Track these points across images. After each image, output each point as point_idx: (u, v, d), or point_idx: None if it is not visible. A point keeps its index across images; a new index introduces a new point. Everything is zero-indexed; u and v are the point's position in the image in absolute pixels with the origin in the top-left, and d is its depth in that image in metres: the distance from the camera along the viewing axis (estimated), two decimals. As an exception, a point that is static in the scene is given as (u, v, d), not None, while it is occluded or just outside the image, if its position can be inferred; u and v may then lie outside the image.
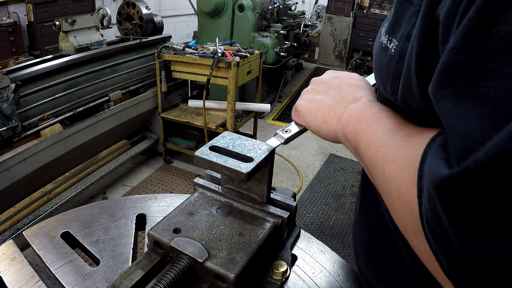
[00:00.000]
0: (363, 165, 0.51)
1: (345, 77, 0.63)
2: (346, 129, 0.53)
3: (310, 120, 0.61)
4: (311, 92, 0.64)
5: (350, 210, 2.99)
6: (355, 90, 0.59)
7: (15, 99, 2.05)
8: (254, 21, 4.13)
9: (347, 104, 0.56)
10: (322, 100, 0.60)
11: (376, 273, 0.73)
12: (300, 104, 0.64)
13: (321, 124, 0.58)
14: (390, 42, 0.48)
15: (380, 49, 0.53)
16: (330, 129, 0.57)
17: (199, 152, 0.57)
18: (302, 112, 0.63)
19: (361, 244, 0.79)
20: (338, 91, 0.59)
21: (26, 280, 0.67)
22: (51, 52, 3.56)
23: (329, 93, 0.60)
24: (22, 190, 2.36)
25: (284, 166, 3.59)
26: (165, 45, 3.12)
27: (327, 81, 0.63)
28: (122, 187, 3.11)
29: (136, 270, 0.57)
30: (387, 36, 0.50)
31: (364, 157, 0.48)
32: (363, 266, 0.77)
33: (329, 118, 0.57)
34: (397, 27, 0.48)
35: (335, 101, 0.58)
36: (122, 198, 0.93)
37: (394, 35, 0.48)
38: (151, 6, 3.29)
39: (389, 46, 0.48)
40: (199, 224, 0.61)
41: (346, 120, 0.54)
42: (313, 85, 0.65)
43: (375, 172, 0.45)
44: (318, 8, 7.71)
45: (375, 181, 0.46)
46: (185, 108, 3.33)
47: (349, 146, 0.54)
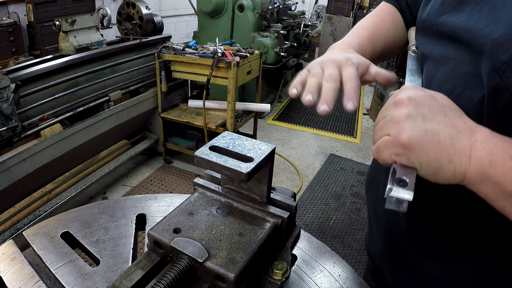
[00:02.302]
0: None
1: (437, 96, 0.50)
2: (493, 170, 0.43)
3: (429, 159, 0.46)
4: (417, 119, 0.47)
5: (350, 210, 2.99)
6: (459, 114, 0.48)
7: (15, 99, 2.05)
8: (254, 21, 4.13)
9: (469, 135, 0.45)
10: (437, 131, 0.46)
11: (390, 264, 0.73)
12: (410, 137, 0.46)
13: (446, 165, 0.45)
14: None
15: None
16: (458, 171, 0.45)
17: (199, 152, 0.57)
18: (415, 149, 0.46)
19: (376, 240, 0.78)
20: (445, 117, 0.47)
21: (26, 280, 0.67)
22: (51, 52, 3.56)
23: (437, 119, 0.47)
24: (22, 190, 2.36)
25: (284, 166, 3.59)
26: (165, 45, 3.12)
27: (426, 102, 0.48)
28: (122, 187, 3.11)
29: (136, 270, 0.57)
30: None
31: None
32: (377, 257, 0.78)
33: (456, 156, 0.45)
34: None
35: (452, 132, 0.46)
36: (122, 198, 0.93)
37: None
38: (151, 6, 3.29)
39: None
40: (199, 224, 0.61)
41: (487, 156, 0.43)
42: (410, 108, 0.48)
43: None
44: (318, 8, 7.71)
45: None
46: (185, 108, 3.33)
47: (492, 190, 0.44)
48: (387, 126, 0.49)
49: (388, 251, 0.78)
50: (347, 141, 4.27)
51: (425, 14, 0.70)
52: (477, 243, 0.61)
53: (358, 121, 4.90)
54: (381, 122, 0.51)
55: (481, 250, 0.61)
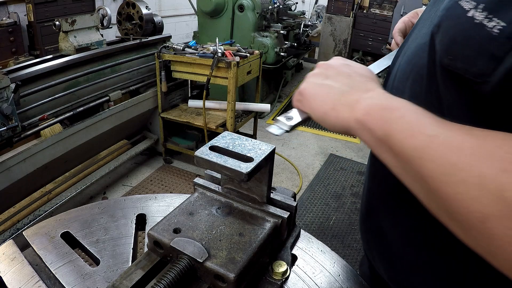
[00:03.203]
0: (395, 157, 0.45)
1: (355, 66, 0.60)
2: (367, 118, 0.49)
3: (316, 106, 0.56)
4: (319, 76, 0.59)
5: (350, 210, 2.99)
6: (366, 80, 0.56)
7: (15, 99, 2.05)
8: (254, 21, 4.13)
9: (361, 93, 0.52)
10: (331, 86, 0.56)
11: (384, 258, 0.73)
12: (306, 88, 0.58)
13: (329, 111, 0.54)
14: (490, 21, 0.44)
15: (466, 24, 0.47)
16: (340, 117, 0.53)
17: (199, 152, 0.57)
18: (307, 97, 0.57)
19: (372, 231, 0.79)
20: (349, 78, 0.56)
21: (26, 280, 0.67)
22: (51, 52, 3.56)
23: (339, 79, 0.57)
24: (22, 190, 2.36)
25: (284, 166, 3.59)
26: (165, 45, 3.13)
27: (337, 67, 0.59)
28: (122, 187, 3.11)
29: (136, 270, 0.57)
30: (484, 13, 0.44)
31: (404, 147, 0.44)
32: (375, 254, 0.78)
33: (340, 105, 0.53)
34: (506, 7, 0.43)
35: (347, 88, 0.54)
36: (122, 198, 0.93)
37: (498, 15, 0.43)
38: (151, 6, 3.29)
39: (487, 24, 0.44)
40: (199, 224, 0.61)
41: (366, 108, 0.49)
42: (321, 69, 0.60)
43: (429, 163, 0.41)
44: (318, 8, 7.71)
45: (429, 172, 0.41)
46: (185, 108, 3.33)
47: (367, 137, 0.49)
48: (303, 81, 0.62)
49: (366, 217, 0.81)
50: (347, 141, 4.27)
51: None
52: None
53: (358, 121, 4.89)
54: None
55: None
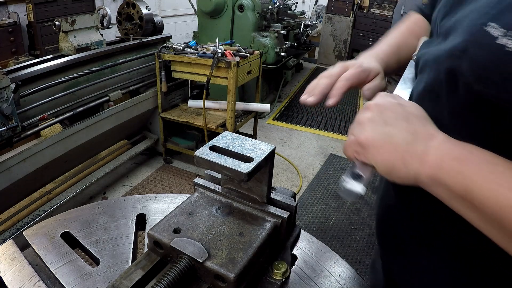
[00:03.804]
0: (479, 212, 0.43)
1: (406, 104, 0.55)
2: (440, 173, 0.45)
3: (382, 159, 0.50)
4: (377, 122, 0.52)
5: (350, 210, 2.99)
6: (423, 122, 0.52)
7: (15, 99, 2.05)
8: (254, 21, 4.13)
9: (426, 141, 0.48)
10: (394, 134, 0.50)
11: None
12: (367, 138, 0.52)
13: (398, 165, 0.49)
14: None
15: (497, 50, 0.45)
16: (410, 171, 0.48)
17: (199, 152, 0.57)
18: (371, 148, 0.51)
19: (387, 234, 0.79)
20: (407, 122, 0.51)
21: (26, 280, 0.67)
22: (51, 52, 3.56)
23: (398, 124, 0.51)
24: (22, 190, 2.36)
25: (284, 166, 3.59)
26: (165, 45, 3.13)
27: (392, 108, 0.53)
28: (122, 187, 3.11)
29: (136, 270, 0.57)
30: (504, 32, 0.43)
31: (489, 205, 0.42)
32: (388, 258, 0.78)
33: (408, 157, 0.48)
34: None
35: (409, 136, 0.49)
36: (122, 198, 0.93)
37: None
38: (151, 6, 3.29)
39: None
40: (199, 224, 0.61)
41: (437, 162, 0.46)
42: (375, 113, 0.53)
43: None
44: (318, 8, 7.71)
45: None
46: (185, 108, 3.33)
47: (442, 192, 0.46)
48: (353, 127, 0.56)
49: (381, 230, 0.80)
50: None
51: (434, 23, 0.71)
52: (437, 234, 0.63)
53: (358, 121, 4.90)
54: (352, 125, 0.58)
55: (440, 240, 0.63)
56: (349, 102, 5.61)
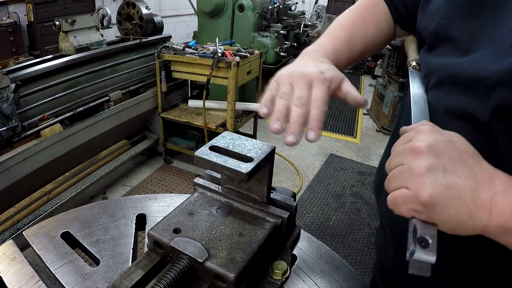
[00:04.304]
0: None
1: (456, 140, 0.47)
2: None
3: (450, 216, 0.43)
4: (437, 172, 0.44)
5: (350, 210, 2.99)
6: (477, 160, 0.46)
7: (15, 99, 2.05)
8: (254, 21, 4.13)
9: (489, 186, 0.43)
10: (457, 185, 0.43)
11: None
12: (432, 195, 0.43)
13: (467, 221, 0.43)
14: None
15: None
16: (477, 225, 0.43)
17: (199, 152, 0.57)
18: (436, 206, 0.43)
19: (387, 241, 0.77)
20: (464, 165, 0.45)
21: (26, 280, 0.67)
22: (51, 52, 3.56)
23: (458, 170, 0.44)
24: (22, 190, 2.36)
25: (284, 166, 3.59)
26: (165, 45, 3.13)
27: (446, 150, 0.45)
28: (122, 187, 3.11)
29: (136, 270, 0.57)
30: None
31: None
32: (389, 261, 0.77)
33: (476, 210, 0.43)
34: None
35: (473, 184, 0.43)
36: (122, 198, 0.93)
37: None
38: (151, 6, 3.29)
39: None
40: (199, 224, 0.61)
41: (509, 211, 0.42)
42: (430, 158, 0.44)
43: None
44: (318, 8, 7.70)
45: None
46: (185, 108, 3.33)
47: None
48: (405, 177, 0.46)
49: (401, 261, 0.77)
50: (347, 141, 4.27)
51: (433, 25, 0.65)
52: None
53: (358, 121, 4.90)
54: (397, 170, 0.47)
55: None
56: (349, 102, 5.60)
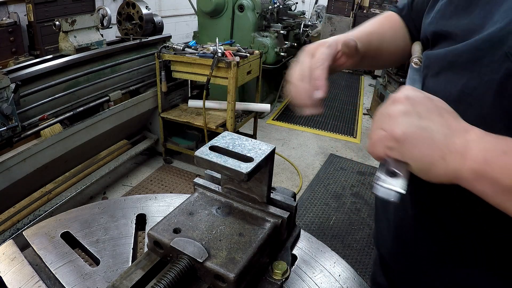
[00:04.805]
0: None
1: (435, 99, 0.51)
2: (487, 167, 0.43)
3: (420, 155, 0.46)
4: (412, 115, 0.48)
5: (350, 210, 2.99)
6: (455, 116, 0.49)
7: (15, 99, 2.05)
8: (254, 21, 4.13)
9: (463, 135, 0.46)
10: (431, 128, 0.47)
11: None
12: (403, 131, 0.47)
13: (438, 161, 0.46)
14: None
15: None
16: (450, 168, 0.45)
17: (199, 152, 0.57)
18: (407, 143, 0.47)
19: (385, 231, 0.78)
20: (442, 117, 0.48)
21: (26, 280, 0.67)
22: (51, 52, 3.56)
23: (433, 119, 0.48)
24: (22, 190, 2.36)
25: (284, 166, 3.59)
26: (165, 45, 3.13)
27: (423, 102, 0.50)
28: (122, 187, 3.11)
29: (136, 270, 0.56)
30: None
31: None
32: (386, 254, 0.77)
33: (449, 153, 0.45)
34: None
35: (446, 131, 0.46)
36: (122, 198, 0.93)
37: None
38: (151, 6, 3.29)
39: None
40: (199, 224, 0.61)
41: (482, 155, 0.44)
42: (407, 105, 0.49)
43: None
44: (318, 8, 7.71)
45: None
46: (185, 108, 3.33)
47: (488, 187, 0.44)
48: (382, 121, 0.50)
49: (398, 250, 0.78)
50: (347, 141, 4.27)
51: (433, 26, 0.68)
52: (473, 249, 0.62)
53: (358, 121, 4.90)
54: (377, 117, 0.52)
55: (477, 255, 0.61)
56: (349, 102, 5.61)
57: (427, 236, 0.68)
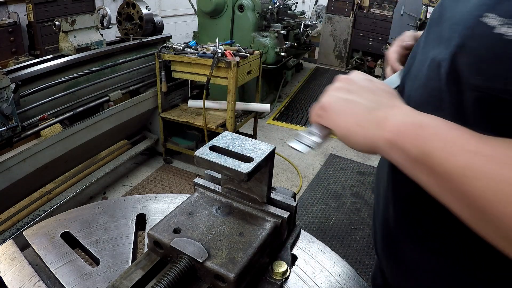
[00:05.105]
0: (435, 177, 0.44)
1: (377, 81, 0.58)
2: (398, 137, 0.47)
3: (340, 122, 0.53)
4: (342, 90, 0.56)
5: (350, 210, 2.99)
6: (390, 96, 0.54)
7: (15, 99, 2.05)
8: (254, 21, 4.13)
9: (388, 110, 0.50)
10: (356, 101, 0.53)
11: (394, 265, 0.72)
12: (329, 102, 0.55)
13: (355, 128, 0.51)
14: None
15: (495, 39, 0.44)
16: (367, 135, 0.50)
17: (199, 152, 0.57)
18: (330, 111, 0.55)
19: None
20: (373, 94, 0.54)
21: (26, 280, 0.67)
22: (51, 52, 3.56)
23: (362, 94, 0.54)
24: (22, 190, 2.36)
25: (284, 166, 3.59)
26: (165, 45, 3.13)
27: (359, 81, 0.57)
28: (122, 187, 3.11)
29: (136, 270, 0.57)
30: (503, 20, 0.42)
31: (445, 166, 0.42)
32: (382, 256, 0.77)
33: (366, 122, 0.50)
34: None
35: (372, 105, 0.52)
36: (122, 198, 0.93)
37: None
38: (151, 6, 3.29)
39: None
40: (199, 224, 0.61)
41: (396, 126, 0.47)
42: (343, 83, 0.57)
43: (477, 181, 0.40)
44: (318, 8, 7.70)
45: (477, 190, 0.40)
46: (185, 108, 3.33)
47: (399, 156, 0.47)
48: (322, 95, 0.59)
49: (385, 249, 0.78)
50: (347, 141, 4.26)
51: None
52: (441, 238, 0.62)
53: (358, 121, 4.89)
54: None
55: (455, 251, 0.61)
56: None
57: (407, 235, 0.69)
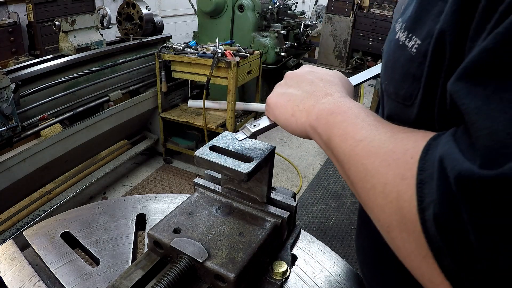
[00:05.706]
0: (335, 161, 0.49)
1: (320, 72, 0.62)
2: (317, 123, 0.51)
3: (278, 114, 0.59)
4: (283, 86, 0.62)
5: (350, 210, 2.99)
6: (327, 85, 0.57)
7: (15, 99, 2.05)
8: (254, 21, 4.13)
9: (318, 98, 0.54)
10: (292, 94, 0.58)
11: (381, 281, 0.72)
12: (270, 97, 0.61)
13: (289, 118, 0.56)
14: (410, 40, 0.45)
15: (395, 46, 0.49)
16: (299, 123, 0.55)
17: (199, 152, 0.57)
18: (271, 106, 0.60)
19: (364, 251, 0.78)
20: (310, 85, 0.58)
21: (26, 280, 0.67)
22: (51, 52, 3.56)
23: (300, 86, 0.59)
24: (22, 190, 2.36)
25: (284, 166, 3.59)
26: (165, 45, 3.12)
27: (300, 75, 0.61)
28: (122, 187, 3.11)
29: (136, 270, 0.57)
30: (406, 33, 0.46)
31: (338, 151, 0.46)
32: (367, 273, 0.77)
33: (298, 111, 0.55)
34: (420, 24, 0.44)
35: (305, 95, 0.56)
36: (122, 198, 0.93)
37: (415, 32, 0.44)
38: (151, 6, 3.29)
39: (408, 44, 0.45)
40: (199, 224, 0.61)
41: (317, 113, 0.52)
42: (286, 79, 0.63)
43: (353, 167, 0.43)
44: (318, 8, 7.70)
45: (352, 177, 0.43)
46: (185, 108, 3.33)
47: (319, 141, 0.53)
48: None
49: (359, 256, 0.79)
50: (347, 141, 4.27)
51: None
52: None
53: (358, 121, 4.90)
54: None
55: None
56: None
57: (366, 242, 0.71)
